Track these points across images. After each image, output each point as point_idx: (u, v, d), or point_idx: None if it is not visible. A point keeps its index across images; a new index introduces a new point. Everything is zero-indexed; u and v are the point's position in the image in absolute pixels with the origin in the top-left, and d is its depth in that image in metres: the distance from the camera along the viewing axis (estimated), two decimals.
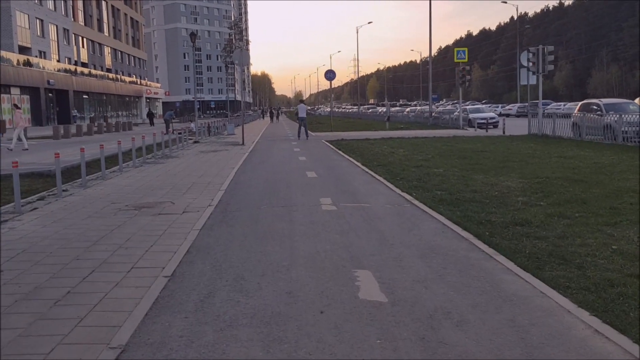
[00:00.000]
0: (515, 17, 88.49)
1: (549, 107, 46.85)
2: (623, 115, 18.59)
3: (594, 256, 5.33)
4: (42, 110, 46.94)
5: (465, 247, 5.78)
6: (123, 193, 10.09)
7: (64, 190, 10.19)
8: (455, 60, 34.17)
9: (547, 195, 8.90)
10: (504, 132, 26.73)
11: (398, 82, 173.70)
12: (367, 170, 12.96)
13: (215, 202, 8.99)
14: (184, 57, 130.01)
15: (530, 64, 23.97)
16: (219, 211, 8.18)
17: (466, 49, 34.53)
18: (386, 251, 5.66)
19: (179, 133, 25.25)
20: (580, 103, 24.66)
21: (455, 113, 36.77)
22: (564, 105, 53.53)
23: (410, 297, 4.24)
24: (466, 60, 34.05)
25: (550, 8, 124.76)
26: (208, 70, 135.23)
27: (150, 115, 58.19)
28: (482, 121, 31.75)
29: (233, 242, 6.23)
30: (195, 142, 25.84)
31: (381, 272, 4.89)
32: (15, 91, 43.42)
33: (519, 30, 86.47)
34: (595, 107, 21.60)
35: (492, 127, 31.74)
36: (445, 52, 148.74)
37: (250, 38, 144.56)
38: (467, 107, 40.01)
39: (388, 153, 17.52)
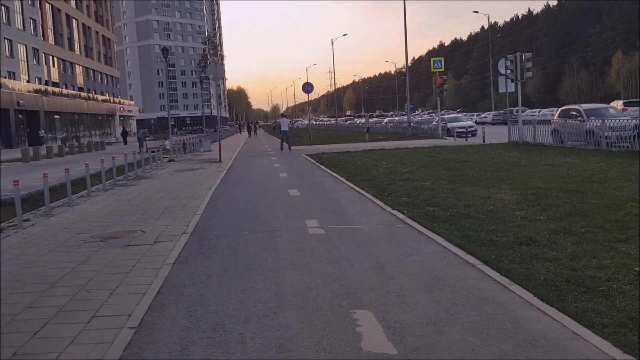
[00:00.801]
0: (487, 27, 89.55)
1: (523, 114, 47.02)
2: (606, 121, 18.37)
3: (618, 281, 4.76)
4: (12, 132, 45.43)
5: (473, 275, 5.15)
6: (90, 221, 9.28)
7: (25, 220, 9.35)
8: (432, 70, 34.00)
9: (544, 208, 8.38)
10: (484, 141, 26.46)
11: (374, 93, 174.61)
12: (352, 186, 12.33)
13: (191, 228, 8.25)
14: (158, 74, 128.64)
15: (509, 71, 23.79)
16: (194, 239, 7.45)
17: (442, 59, 34.43)
18: (386, 284, 5.00)
19: (152, 152, 24.40)
20: (559, 109, 24.52)
21: (434, 123, 36.56)
22: (539, 111, 53.93)
23: (423, 346, 3.58)
24: (443, 69, 33.93)
25: (520, 17, 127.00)
26: (183, 86, 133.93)
27: (124, 134, 56.97)
28: (461, 130, 31.51)
29: (211, 278, 5.52)
30: (170, 160, 24.98)
31: (384, 313, 4.23)
32: None
33: (490, 39, 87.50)
34: (575, 112, 21.43)
35: (470, 135, 31.55)
36: (419, 63, 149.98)
37: (224, 53, 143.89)
38: (445, 116, 39.82)
39: (371, 166, 16.96)
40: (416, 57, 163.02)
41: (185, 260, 6.33)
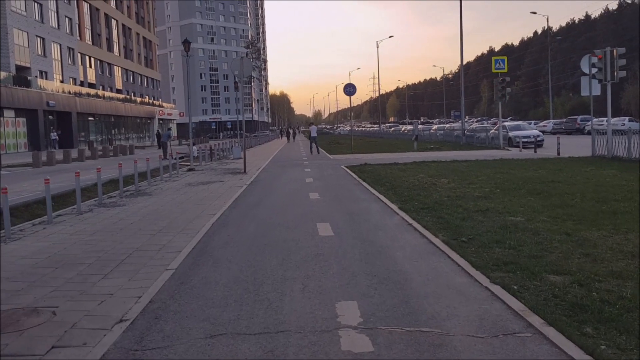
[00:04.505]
0: (541, 31, 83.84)
1: (588, 123, 42.30)
2: None
3: None
4: (39, 134, 43.41)
5: None
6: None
7: None
8: (494, 71, 29.81)
9: None
10: (558, 153, 22.23)
11: (418, 99, 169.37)
12: (409, 220, 8.56)
13: (141, 306, 4.73)
14: (201, 78, 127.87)
15: (595, 70, 19.56)
16: (124, 346, 3.91)
17: (505, 58, 30.26)
18: None
19: (175, 158, 21.38)
20: None
21: (492, 131, 32.32)
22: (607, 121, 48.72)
23: None
24: (506, 70, 29.71)
25: (577, 21, 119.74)
26: (225, 91, 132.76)
27: (158, 137, 54.84)
28: (529, 139, 27.20)
29: None
30: (189, 169, 21.72)
31: None
32: (9, 114, 40.04)
33: (545, 44, 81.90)
34: None
35: (538, 146, 27.21)
36: (467, 69, 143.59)
37: (268, 57, 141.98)
38: (506, 123, 35.43)
39: (429, 185, 13.18)
40: (463, 63, 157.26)
41: None
